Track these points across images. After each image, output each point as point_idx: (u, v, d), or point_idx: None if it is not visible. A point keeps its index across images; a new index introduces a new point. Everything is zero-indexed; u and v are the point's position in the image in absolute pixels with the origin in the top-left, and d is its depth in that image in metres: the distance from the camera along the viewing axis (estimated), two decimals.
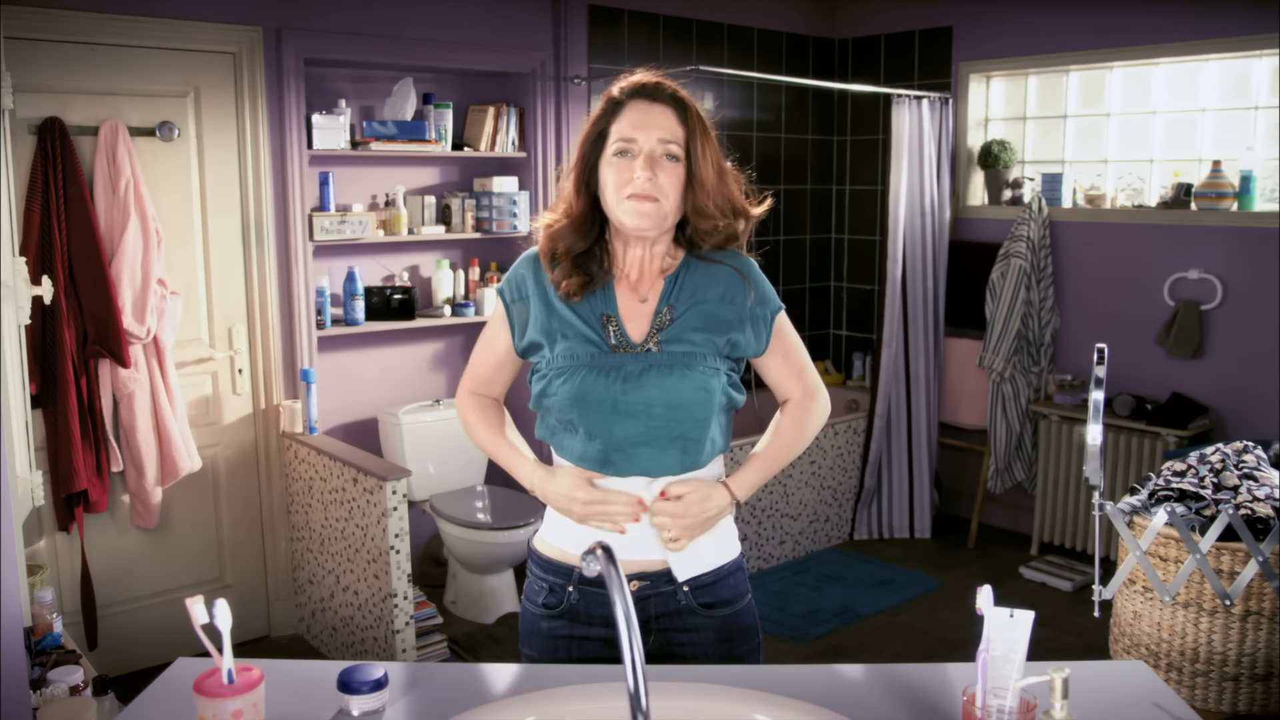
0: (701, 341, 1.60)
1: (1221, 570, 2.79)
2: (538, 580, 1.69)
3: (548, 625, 1.67)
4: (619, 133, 1.57)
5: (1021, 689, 1.22)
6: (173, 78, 3.46)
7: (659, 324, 1.61)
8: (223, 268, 3.64)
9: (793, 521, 4.58)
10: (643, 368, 1.57)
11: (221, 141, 3.58)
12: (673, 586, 1.63)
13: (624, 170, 1.56)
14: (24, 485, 2.31)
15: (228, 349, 3.70)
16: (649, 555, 1.61)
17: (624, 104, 1.59)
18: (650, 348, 1.59)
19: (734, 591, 1.68)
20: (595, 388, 1.56)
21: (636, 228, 1.57)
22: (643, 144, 1.55)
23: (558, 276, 1.62)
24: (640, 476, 1.60)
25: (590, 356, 1.58)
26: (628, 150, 1.56)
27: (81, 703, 1.74)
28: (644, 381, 1.56)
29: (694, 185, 1.58)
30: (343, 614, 3.56)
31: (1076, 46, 4.56)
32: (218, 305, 3.66)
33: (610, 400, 1.56)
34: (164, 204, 3.46)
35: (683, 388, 1.57)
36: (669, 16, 4.68)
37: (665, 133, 1.56)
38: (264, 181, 3.65)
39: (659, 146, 1.55)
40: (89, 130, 3.28)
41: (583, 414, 1.57)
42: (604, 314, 1.61)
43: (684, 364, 1.58)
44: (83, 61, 3.28)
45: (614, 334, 1.60)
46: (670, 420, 1.57)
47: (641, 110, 1.57)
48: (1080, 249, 4.60)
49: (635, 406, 1.56)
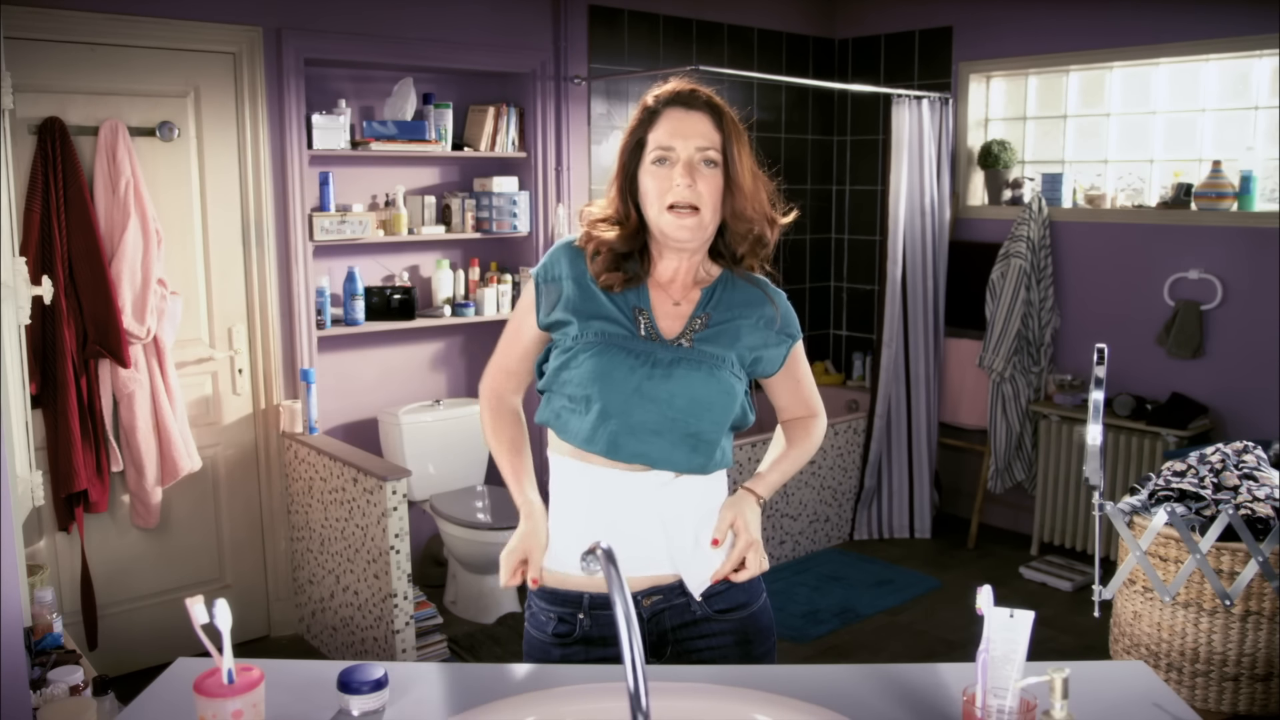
0: (731, 350, 1.62)
1: (1221, 570, 2.79)
2: (543, 611, 1.67)
3: (561, 653, 1.64)
4: (656, 141, 1.58)
5: (1021, 689, 1.22)
6: (173, 78, 3.46)
7: (694, 326, 1.62)
8: (223, 268, 3.65)
9: (793, 521, 4.58)
10: (673, 358, 1.58)
11: (221, 141, 3.58)
12: (685, 598, 1.62)
13: (663, 179, 1.57)
14: (24, 485, 2.31)
15: (228, 349, 3.70)
16: (660, 570, 1.61)
17: (660, 112, 1.60)
18: (683, 343, 1.60)
19: (749, 594, 1.68)
20: (623, 366, 1.56)
21: (678, 240, 1.58)
22: (680, 151, 1.56)
23: (598, 268, 1.62)
24: (643, 468, 1.58)
25: (623, 339, 1.59)
26: (666, 158, 1.57)
27: (81, 703, 1.74)
28: (672, 373, 1.57)
29: (732, 190, 1.59)
30: (343, 614, 3.56)
31: (1076, 46, 4.56)
32: (218, 305, 3.66)
33: (635, 383, 1.56)
34: (164, 204, 3.46)
35: (709, 386, 1.58)
36: (669, 16, 4.68)
37: (702, 139, 1.57)
38: (264, 181, 3.65)
39: (697, 154, 1.56)
40: (89, 130, 3.28)
41: (603, 390, 1.56)
42: (636, 307, 1.62)
43: (713, 364, 1.59)
44: (83, 61, 3.28)
45: (644, 326, 1.61)
46: (690, 415, 1.57)
47: (678, 118, 1.58)
48: (1080, 249, 4.60)
49: (659, 394, 1.56)
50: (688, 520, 1.60)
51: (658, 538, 1.59)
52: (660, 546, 1.60)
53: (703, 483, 1.63)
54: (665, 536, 1.59)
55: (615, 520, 1.59)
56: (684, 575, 1.61)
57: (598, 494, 1.60)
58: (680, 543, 1.60)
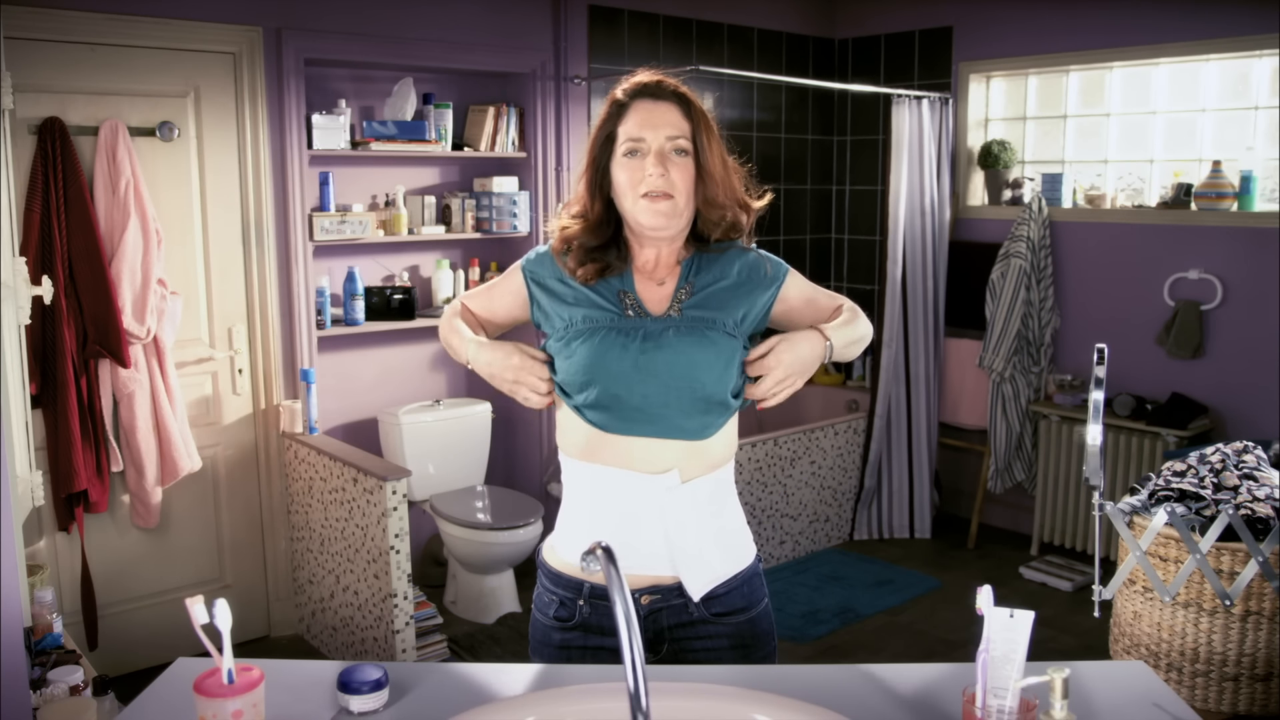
0: (721, 310, 1.63)
1: (1221, 570, 2.79)
2: (548, 593, 1.68)
3: (561, 637, 1.66)
4: (627, 133, 1.60)
5: (1021, 689, 1.22)
6: (173, 78, 3.46)
7: (679, 298, 1.63)
8: (223, 268, 3.65)
9: (793, 521, 4.58)
10: (662, 328, 1.59)
11: (221, 141, 3.58)
12: (684, 599, 1.62)
13: (635, 170, 1.59)
14: (24, 485, 2.31)
15: (228, 349, 3.70)
16: (660, 570, 1.61)
17: (629, 105, 1.61)
18: (671, 314, 1.61)
19: (748, 599, 1.67)
20: (615, 346, 1.57)
21: (653, 226, 1.59)
22: (651, 142, 1.58)
23: (574, 263, 1.64)
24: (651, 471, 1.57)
25: (610, 320, 1.61)
26: (637, 150, 1.59)
27: (81, 703, 1.74)
28: (663, 341, 1.57)
29: (704, 178, 1.61)
30: (343, 614, 3.56)
31: (1076, 46, 4.56)
32: (218, 305, 3.66)
33: (631, 359, 1.57)
34: (164, 204, 3.46)
35: (704, 346, 1.58)
36: (669, 16, 4.68)
37: (672, 129, 1.59)
38: (264, 181, 3.65)
39: (667, 143, 1.58)
40: (89, 130, 3.28)
41: (602, 374, 1.57)
42: (621, 290, 1.64)
43: (704, 325, 1.60)
44: (83, 61, 3.28)
45: (631, 307, 1.62)
46: (691, 379, 1.57)
47: (647, 110, 1.60)
48: (1080, 249, 4.60)
49: (656, 366, 1.56)
50: (690, 524, 1.60)
51: (660, 540, 1.59)
52: (662, 549, 1.60)
53: (710, 485, 1.62)
54: (667, 540, 1.59)
55: (620, 521, 1.59)
56: (684, 578, 1.61)
57: (604, 494, 1.60)
58: (682, 545, 1.60)
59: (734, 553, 1.67)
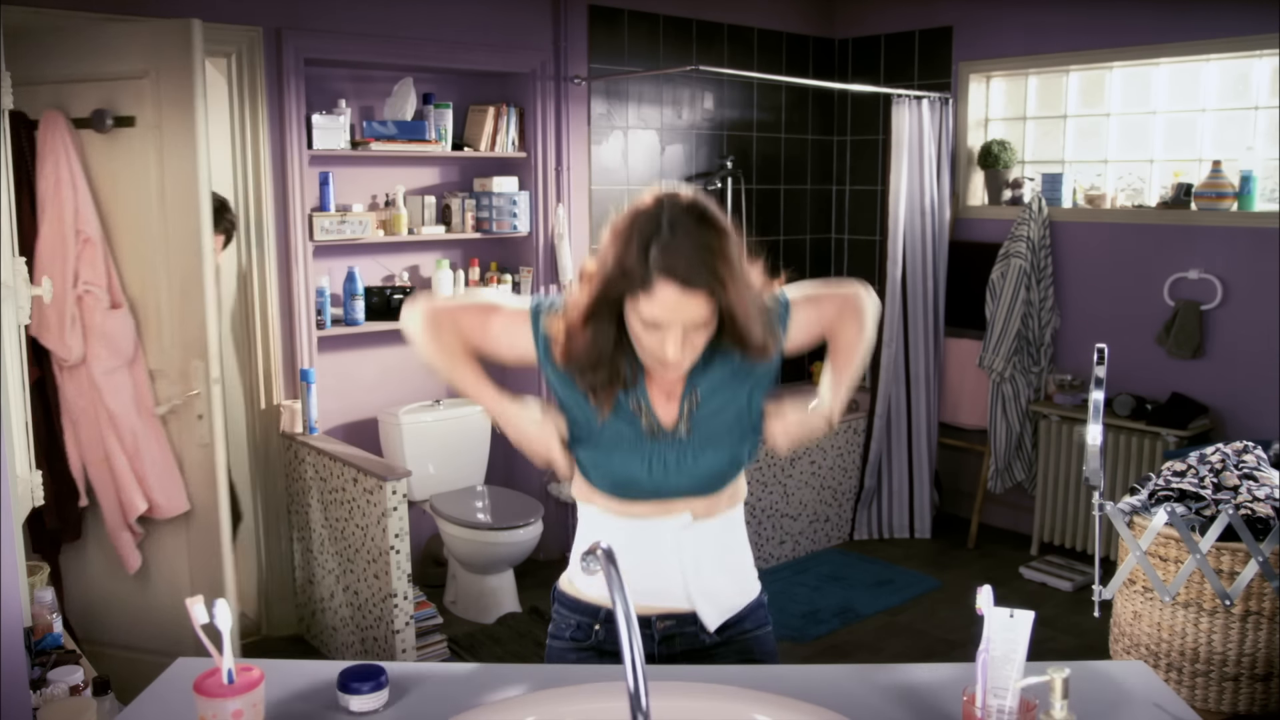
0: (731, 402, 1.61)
1: (1221, 570, 2.79)
2: (565, 618, 1.72)
3: (576, 657, 1.70)
4: (648, 310, 1.43)
5: (1021, 689, 1.22)
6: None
7: (688, 406, 1.61)
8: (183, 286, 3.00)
9: (793, 521, 4.58)
10: (679, 455, 1.60)
11: (221, 141, 3.57)
12: (695, 627, 1.66)
13: (653, 338, 1.47)
14: (24, 485, 2.31)
15: (186, 389, 3.00)
16: (677, 603, 1.65)
17: (653, 280, 1.41)
18: (681, 435, 1.60)
19: (755, 624, 1.74)
20: (637, 475, 1.59)
21: (666, 379, 1.59)
22: (673, 323, 1.44)
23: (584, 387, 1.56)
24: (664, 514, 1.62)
25: (630, 438, 1.59)
26: (657, 324, 1.45)
27: (81, 703, 1.74)
28: (683, 466, 1.60)
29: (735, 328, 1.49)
30: (343, 614, 3.55)
31: (1076, 46, 4.55)
32: (177, 332, 3.02)
33: (654, 484, 1.60)
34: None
35: (719, 451, 1.61)
36: (669, 16, 4.68)
37: (698, 317, 1.44)
38: (264, 181, 3.64)
39: (690, 325, 1.46)
40: (85, 124, 3.23)
41: (625, 483, 1.61)
42: (636, 402, 1.60)
43: (715, 442, 1.61)
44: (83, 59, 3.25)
45: (646, 420, 1.60)
46: (710, 479, 1.62)
47: (675, 298, 1.41)
48: (1080, 249, 4.60)
49: (678, 484, 1.61)
50: (706, 560, 1.65)
51: (675, 576, 1.63)
52: (678, 584, 1.64)
53: (721, 524, 1.66)
54: (683, 576, 1.63)
55: (636, 559, 1.60)
56: (700, 610, 1.65)
57: (619, 536, 1.62)
58: (696, 580, 1.64)
59: (742, 582, 1.72)
